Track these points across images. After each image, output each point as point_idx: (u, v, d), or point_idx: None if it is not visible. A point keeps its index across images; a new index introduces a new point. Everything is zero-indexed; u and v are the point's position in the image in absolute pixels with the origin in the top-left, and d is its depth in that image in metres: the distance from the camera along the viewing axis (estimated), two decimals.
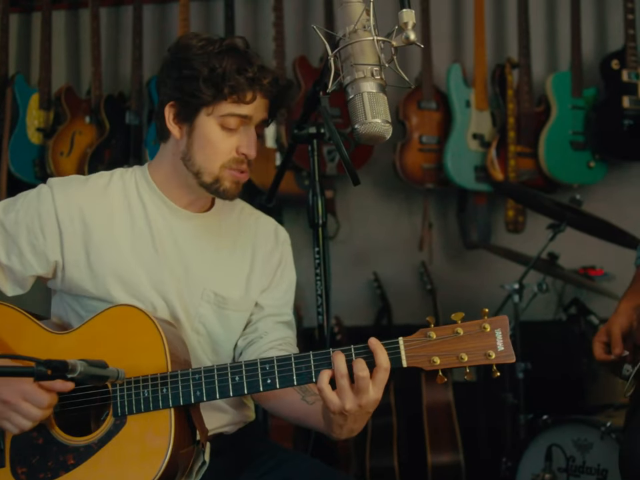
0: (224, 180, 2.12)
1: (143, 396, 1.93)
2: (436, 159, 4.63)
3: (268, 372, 1.92)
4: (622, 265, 2.75)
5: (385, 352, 1.85)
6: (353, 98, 1.72)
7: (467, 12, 4.86)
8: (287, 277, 2.37)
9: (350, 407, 1.85)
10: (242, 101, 2.07)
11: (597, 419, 3.32)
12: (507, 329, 1.87)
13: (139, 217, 2.17)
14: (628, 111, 4.54)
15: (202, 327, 2.20)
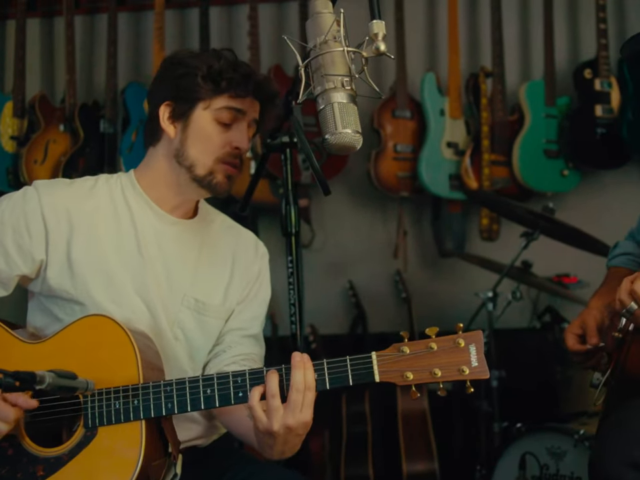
0: (217, 173, 2.15)
1: (114, 407, 1.92)
2: (410, 168, 4.64)
3: (240, 385, 1.91)
4: (596, 272, 2.77)
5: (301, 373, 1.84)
6: (324, 108, 1.72)
7: (440, 22, 4.88)
8: (262, 292, 2.39)
9: (277, 429, 1.84)
10: (238, 95, 2.14)
11: (571, 426, 3.33)
12: (481, 344, 1.86)
13: (125, 220, 2.18)
14: (601, 120, 4.58)
15: (180, 333, 2.21)
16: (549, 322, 4.16)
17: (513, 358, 4.07)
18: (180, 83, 2.14)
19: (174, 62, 2.19)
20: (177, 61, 2.19)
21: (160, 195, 2.22)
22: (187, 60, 2.17)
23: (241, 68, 2.17)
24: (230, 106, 2.15)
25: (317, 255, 4.81)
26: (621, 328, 2.22)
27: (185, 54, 2.21)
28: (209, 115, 2.15)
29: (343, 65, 1.73)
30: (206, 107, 2.14)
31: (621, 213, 3.31)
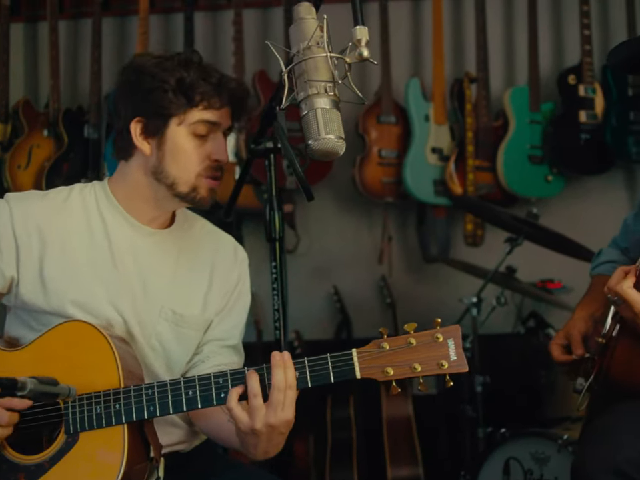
0: (200, 188, 2.12)
1: (96, 412, 1.92)
2: (395, 173, 4.65)
3: (222, 386, 1.92)
4: (580, 277, 2.78)
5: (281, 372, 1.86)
6: (307, 114, 1.72)
7: (425, 27, 4.89)
8: (241, 300, 2.36)
9: (260, 427, 1.85)
10: (212, 107, 2.10)
11: (554, 431, 3.35)
12: (459, 339, 1.89)
13: (99, 233, 2.15)
14: (585, 126, 4.60)
15: (158, 344, 2.19)
16: (533, 327, 4.17)
17: (497, 363, 4.07)
18: (149, 98, 2.08)
19: (140, 72, 2.10)
20: (142, 72, 2.10)
21: (136, 207, 2.18)
22: (153, 71, 2.09)
23: (212, 77, 2.10)
24: (204, 119, 2.10)
25: (302, 260, 4.81)
26: (605, 333, 2.23)
27: (150, 62, 2.11)
28: (184, 129, 2.09)
29: (326, 71, 1.73)
30: (180, 122, 2.09)
31: (605, 219, 3.33)
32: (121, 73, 2.16)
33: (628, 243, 2.59)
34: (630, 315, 2.01)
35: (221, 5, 4.97)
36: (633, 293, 1.97)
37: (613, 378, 2.15)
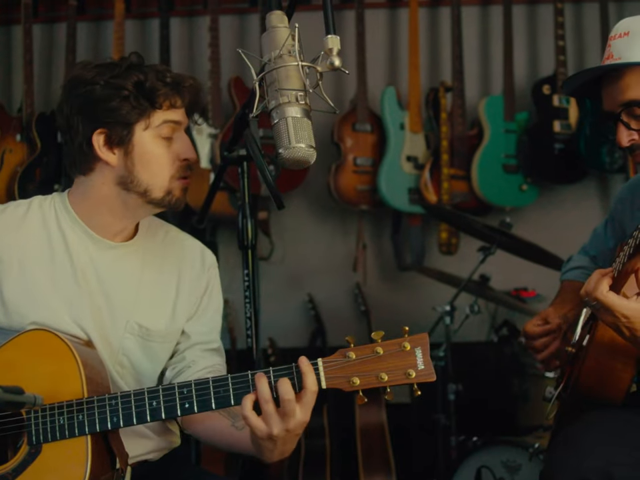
0: (174, 190, 2.10)
1: (59, 423, 1.89)
2: (370, 181, 4.66)
3: (186, 396, 1.90)
4: (553, 286, 2.79)
5: (313, 374, 1.83)
6: (278, 122, 1.72)
7: (401, 36, 4.90)
8: (213, 303, 2.33)
9: (278, 432, 1.82)
10: (174, 107, 2.07)
11: (526, 440, 3.36)
12: (427, 347, 1.87)
13: (59, 249, 2.11)
14: (559, 135, 4.63)
15: (126, 360, 2.16)
16: (506, 335, 4.19)
17: (470, 371, 4.09)
18: (109, 107, 2.00)
19: (88, 83, 2.02)
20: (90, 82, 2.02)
21: (99, 222, 2.13)
22: (102, 79, 2.01)
23: (166, 77, 2.06)
24: (169, 119, 2.07)
25: (276, 268, 4.80)
26: (574, 342, 2.24)
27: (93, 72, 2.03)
28: (150, 133, 2.05)
29: (297, 80, 1.73)
30: (146, 126, 2.04)
31: (579, 228, 3.35)
32: (65, 88, 2.07)
33: (597, 251, 2.62)
34: (610, 319, 2.00)
35: (197, 10, 4.96)
36: (612, 297, 1.97)
37: (581, 387, 2.16)
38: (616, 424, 2.10)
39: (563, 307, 2.47)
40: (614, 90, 2.14)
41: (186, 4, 4.97)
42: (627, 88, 2.10)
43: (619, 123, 2.13)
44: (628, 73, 2.10)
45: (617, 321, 1.99)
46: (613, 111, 2.16)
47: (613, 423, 2.10)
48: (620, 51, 2.12)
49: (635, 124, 2.11)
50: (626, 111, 2.11)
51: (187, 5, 4.98)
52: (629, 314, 1.96)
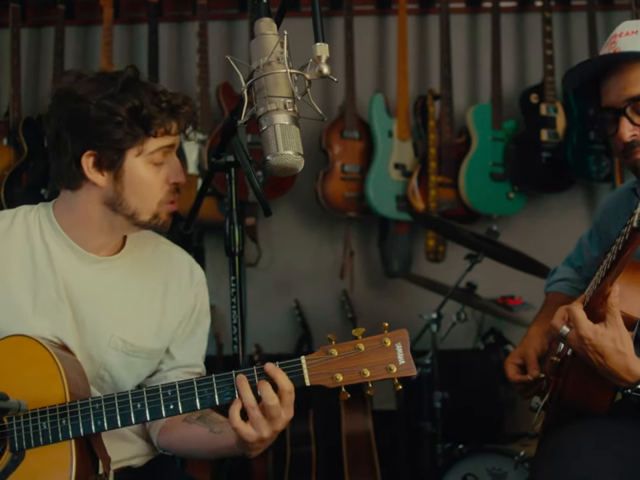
0: (161, 214, 2.09)
1: (42, 428, 1.88)
2: (358, 188, 4.66)
3: (170, 397, 1.90)
4: (540, 294, 2.80)
5: (284, 375, 1.86)
6: (266, 129, 1.72)
7: (390, 44, 4.92)
8: (201, 326, 2.31)
9: (267, 434, 1.86)
10: (167, 133, 2.04)
11: (511, 448, 3.36)
12: (407, 342, 1.91)
13: (42, 262, 2.09)
14: (546, 144, 4.64)
15: (107, 374, 2.14)
16: (492, 343, 4.19)
17: (456, 379, 4.09)
18: (102, 130, 1.97)
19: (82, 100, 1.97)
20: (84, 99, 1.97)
21: (84, 236, 2.11)
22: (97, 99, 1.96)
23: (162, 101, 2.01)
24: (163, 146, 2.04)
25: (264, 274, 4.80)
26: (559, 352, 2.24)
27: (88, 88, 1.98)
28: (142, 160, 2.02)
29: (285, 87, 1.73)
30: (138, 153, 2.01)
31: (565, 236, 3.35)
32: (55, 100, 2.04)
33: (582, 262, 2.62)
34: (576, 343, 2.01)
35: (186, 16, 4.96)
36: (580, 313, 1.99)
37: (567, 397, 2.16)
38: (601, 433, 2.10)
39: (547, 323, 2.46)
40: (618, 84, 2.13)
41: (175, 9, 4.97)
42: (635, 82, 2.10)
43: (622, 118, 2.12)
44: (635, 67, 2.10)
45: (582, 345, 1.99)
46: (615, 106, 2.14)
47: (599, 433, 2.11)
48: (628, 47, 2.12)
49: (639, 119, 2.12)
50: (631, 106, 2.11)
51: (176, 10, 4.97)
52: (590, 335, 1.97)
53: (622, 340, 1.97)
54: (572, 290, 2.56)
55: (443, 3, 4.70)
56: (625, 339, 1.97)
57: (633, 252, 1.89)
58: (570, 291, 2.57)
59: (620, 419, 2.15)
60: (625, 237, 1.86)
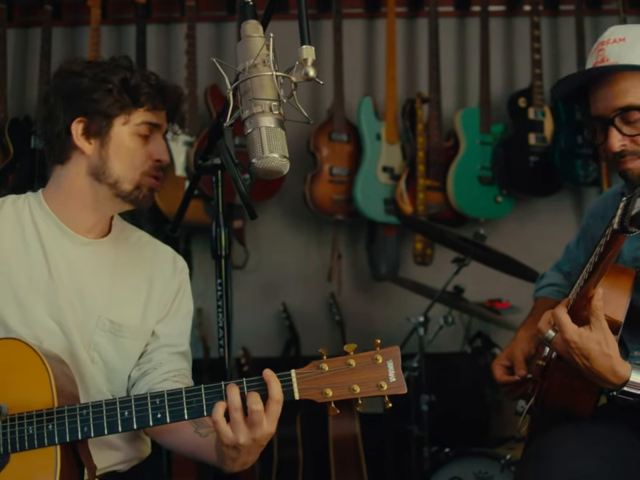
0: (143, 187, 2.14)
1: (27, 433, 1.88)
2: (346, 191, 4.66)
3: (158, 406, 1.89)
4: (527, 298, 2.81)
5: (278, 384, 1.85)
6: (251, 132, 1.71)
7: (379, 47, 4.92)
8: (184, 307, 2.35)
9: (244, 441, 1.84)
10: (155, 109, 2.13)
11: (498, 451, 3.37)
12: (398, 360, 1.89)
13: (33, 244, 2.14)
14: (534, 148, 4.66)
15: (97, 355, 2.16)
16: (479, 347, 4.20)
17: (443, 382, 4.08)
18: (93, 98, 2.08)
19: (76, 75, 2.11)
20: (79, 74, 2.11)
21: (72, 216, 2.17)
22: (92, 72, 2.11)
23: (151, 79, 2.15)
24: (148, 121, 2.13)
25: (251, 277, 4.79)
26: (545, 356, 2.24)
27: (83, 65, 2.14)
28: (128, 129, 2.12)
29: (271, 89, 1.73)
30: (125, 122, 2.11)
31: (553, 240, 3.37)
32: (53, 78, 2.17)
33: (570, 268, 2.62)
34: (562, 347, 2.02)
35: (174, 17, 4.94)
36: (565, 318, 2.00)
37: (551, 400, 2.17)
38: (586, 437, 2.10)
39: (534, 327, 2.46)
40: (608, 94, 2.13)
41: (163, 11, 4.95)
42: (624, 92, 2.10)
43: (611, 128, 2.12)
44: (625, 77, 2.10)
45: (568, 348, 2.00)
46: (604, 116, 2.14)
47: (584, 436, 2.11)
48: (616, 55, 2.11)
49: (628, 129, 2.11)
50: (620, 116, 2.11)
51: (164, 12, 4.96)
52: (576, 339, 1.98)
53: (607, 342, 1.98)
54: (560, 295, 2.56)
55: (432, 6, 4.71)
56: (610, 341, 1.99)
57: (615, 254, 1.90)
58: (558, 296, 2.57)
59: (605, 423, 2.16)
60: (606, 238, 1.87)
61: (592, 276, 1.95)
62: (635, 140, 2.11)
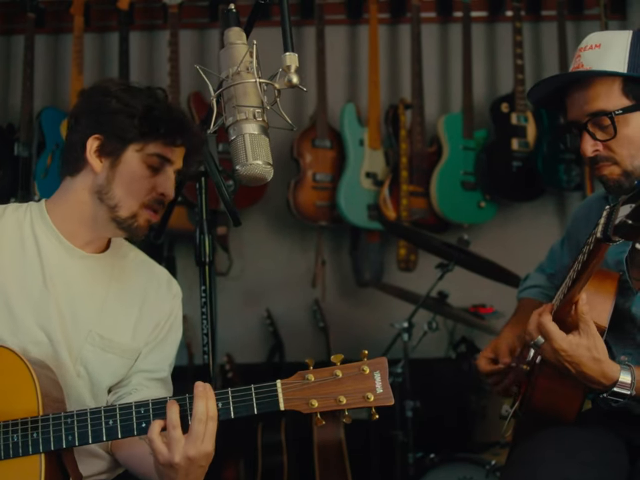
0: (139, 217, 2.13)
1: (12, 441, 1.87)
2: (329, 197, 4.66)
3: (143, 415, 1.89)
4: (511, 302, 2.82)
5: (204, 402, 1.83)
6: (235, 139, 1.71)
7: (361, 53, 4.92)
8: (172, 333, 2.33)
9: (179, 460, 1.81)
10: (172, 144, 2.13)
11: (483, 457, 3.38)
12: (385, 371, 1.88)
13: (31, 253, 2.13)
14: (516, 153, 4.67)
15: (83, 370, 2.15)
16: (464, 352, 4.20)
17: (428, 388, 4.09)
18: (114, 119, 2.09)
19: (107, 94, 2.13)
20: (109, 94, 2.13)
21: (71, 230, 2.16)
22: (122, 95, 2.12)
23: (175, 113, 2.16)
24: (162, 154, 2.13)
25: (235, 283, 4.78)
26: (529, 360, 2.25)
27: (118, 87, 2.15)
28: (139, 157, 2.11)
29: (255, 96, 1.73)
30: (139, 149, 2.11)
31: (536, 245, 3.37)
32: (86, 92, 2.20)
33: (554, 269, 2.64)
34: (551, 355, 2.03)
35: (157, 25, 4.94)
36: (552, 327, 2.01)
37: (534, 405, 2.18)
38: (571, 442, 2.11)
39: (518, 327, 2.48)
40: (581, 99, 2.15)
41: (146, 18, 4.95)
42: (595, 97, 2.12)
43: (584, 133, 2.14)
44: (597, 82, 2.12)
45: (557, 356, 2.01)
46: (578, 120, 2.16)
47: (568, 441, 2.12)
48: (591, 62, 2.13)
49: (601, 134, 2.13)
50: (592, 121, 2.12)
51: (147, 19, 4.95)
52: (566, 347, 2.00)
53: (596, 347, 2.00)
54: (544, 297, 2.58)
55: (414, 12, 4.72)
56: (599, 346, 2.00)
57: (599, 262, 1.91)
58: (541, 297, 2.59)
59: (589, 428, 2.17)
60: (590, 246, 1.88)
61: (575, 284, 1.96)
62: (608, 145, 2.13)
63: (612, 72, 2.10)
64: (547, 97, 2.28)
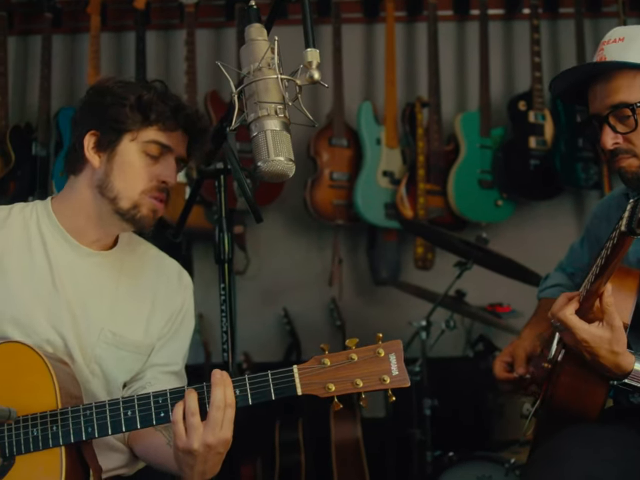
0: (142, 206, 2.11)
1: (32, 435, 1.88)
2: (346, 196, 4.65)
3: (161, 405, 1.89)
4: (529, 302, 2.81)
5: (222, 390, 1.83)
6: (257, 135, 1.71)
7: (378, 51, 4.92)
8: (185, 325, 2.33)
9: (197, 447, 1.82)
10: (167, 129, 2.11)
11: (502, 455, 3.36)
12: (401, 353, 1.89)
13: (38, 253, 2.13)
14: (534, 152, 4.66)
15: (98, 368, 2.15)
16: (481, 351, 4.19)
17: (446, 386, 4.08)
18: (107, 112, 2.09)
19: (101, 90, 2.14)
20: (104, 89, 2.14)
21: (78, 227, 2.16)
22: (114, 89, 2.12)
23: (171, 100, 2.14)
24: (158, 140, 2.12)
25: (252, 282, 4.78)
26: (550, 358, 2.24)
27: (113, 82, 2.16)
28: (136, 146, 2.11)
29: (276, 93, 1.73)
30: (133, 138, 2.10)
31: (554, 243, 3.36)
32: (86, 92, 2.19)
33: (574, 268, 2.62)
34: (571, 341, 2.04)
35: (174, 24, 4.94)
36: (574, 319, 2.00)
37: (557, 403, 2.16)
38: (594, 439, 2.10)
39: (539, 326, 2.48)
40: (603, 91, 2.14)
41: (162, 17, 4.95)
42: (617, 90, 2.11)
43: (605, 125, 2.13)
44: (619, 75, 2.11)
45: (577, 344, 2.02)
46: (599, 113, 2.16)
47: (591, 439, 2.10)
48: (613, 55, 2.13)
49: (621, 127, 2.12)
50: (614, 114, 2.12)
51: (163, 18, 4.96)
52: (587, 338, 2.00)
53: (617, 341, 2.00)
54: None
55: (431, 10, 4.72)
56: (621, 340, 2.01)
57: (622, 256, 1.90)
58: None
59: (611, 425, 2.16)
60: (613, 240, 1.87)
61: (599, 278, 1.95)
62: (628, 138, 2.13)
63: (634, 63, 2.10)
64: (568, 90, 2.27)
